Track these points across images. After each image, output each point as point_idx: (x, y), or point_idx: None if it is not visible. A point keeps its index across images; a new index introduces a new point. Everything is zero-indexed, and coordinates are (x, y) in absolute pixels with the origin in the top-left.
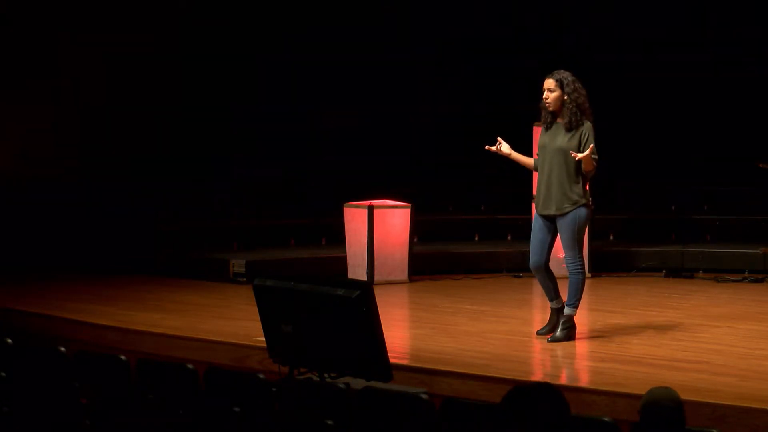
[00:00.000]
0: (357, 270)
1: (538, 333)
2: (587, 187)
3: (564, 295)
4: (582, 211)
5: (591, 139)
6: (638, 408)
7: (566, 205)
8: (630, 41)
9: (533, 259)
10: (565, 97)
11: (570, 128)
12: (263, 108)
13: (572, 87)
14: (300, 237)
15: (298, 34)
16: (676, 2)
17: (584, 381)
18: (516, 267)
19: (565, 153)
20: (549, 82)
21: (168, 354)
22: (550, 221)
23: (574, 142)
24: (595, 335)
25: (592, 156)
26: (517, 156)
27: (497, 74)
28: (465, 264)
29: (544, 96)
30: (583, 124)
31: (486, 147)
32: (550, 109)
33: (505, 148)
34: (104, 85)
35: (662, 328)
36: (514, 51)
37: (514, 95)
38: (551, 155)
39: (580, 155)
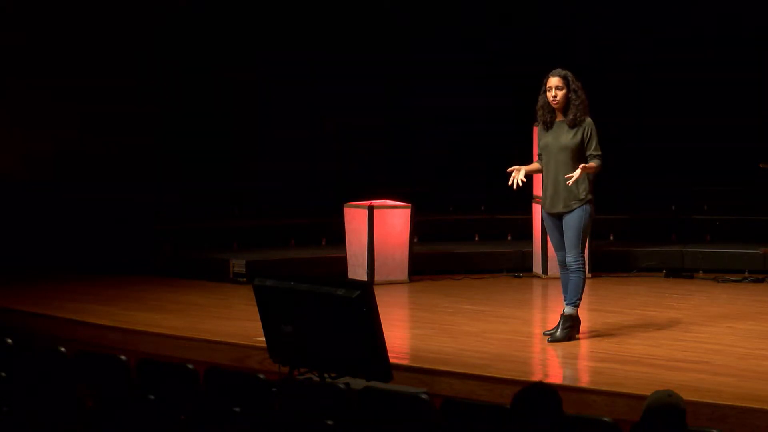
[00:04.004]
0: (357, 270)
1: (544, 334)
2: (592, 184)
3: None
4: (588, 208)
5: (594, 135)
6: (642, 408)
7: (573, 203)
8: (632, 40)
9: (559, 255)
10: (571, 95)
11: (573, 125)
12: (263, 108)
13: (576, 84)
14: (300, 237)
15: (298, 33)
16: (680, 3)
17: (584, 381)
18: (516, 267)
19: (570, 150)
20: (555, 81)
21: (168, 354)
22: (558, 219)
23: (578, 138)
24: (595, 335)
25: (595, 153)
26: (528, 169)
27: (498, 75)
28: (465, 264)
29: (552, 95)
30: (584, 120)
31: (509, 185)
32: (557, 107)
33: (521, 174)
34: (102, 85)
35: (662, 328)
36: (514, 50)
37: (514, 94)
38: (556, 154)
39: (576, 174)
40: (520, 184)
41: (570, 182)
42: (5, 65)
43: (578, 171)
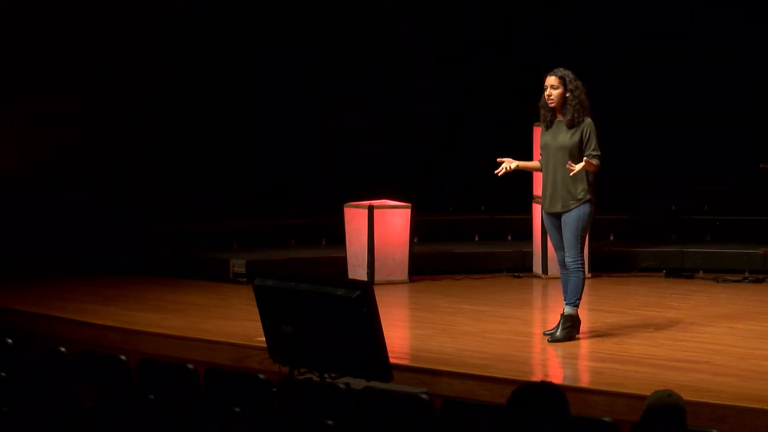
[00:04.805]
0: (357, 270)
1: (544, 334)
2: (592, 185)
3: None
4: (586, 208)
5: (593, 135)
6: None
7: (571, 202)
8: (626, 40)
9: (559, 255)
10: (568, 95)
11: (572, 125)
12: (263, 108)
13: (574, 84)
14: (300, 237)
15: (298, 33)
16: (680, 3)
17: (584, 381)
18: (516, 267)
19: (568, 151)
20: (552, 80)
21: (168, 354)
22: (557, 218)
23: (576, 138)
24: (595, 335)
25: (594, 153)
26: (524, 164)
27: (498, 75)
28: (465, 264)
29: (547, 93)
30: (583, 121)
31: (495, 172)
32: (553, 106)
33: (512, 164)
34: (102, 85)
35: (662, 328)
36: (514, 50)
37: (514, 94)
38: (554, 154)
39: (576, 167)
40: (509, 169)
41: (572, 174)
42: (5, 65)
43: (581, 165)
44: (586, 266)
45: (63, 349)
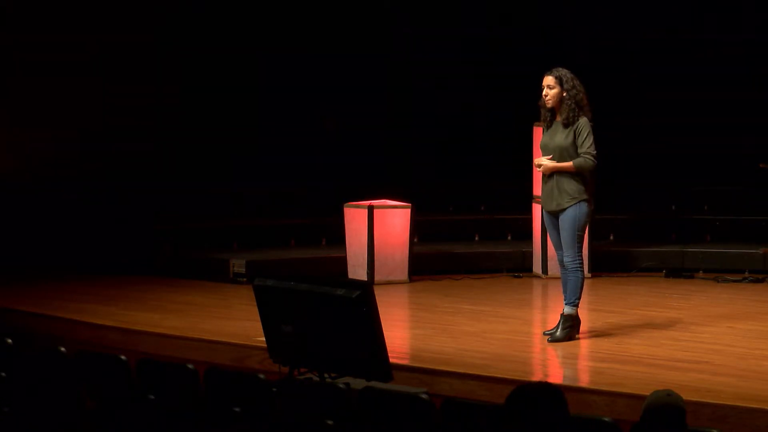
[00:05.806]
0: (357, 270)
1: (544, 334)
2: (590, 185)
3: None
4: (582, 208)
5: (585, 133)
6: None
7: (567, 201)
8: (626, 40)
9: (559, 254)
10: (564, 94)
11: (567, 125)
12: (263, 107)
13: (571, 84)
14: (300, 237)
15: (298, 33)
16: (673, 5)
17: (584, 381)
18: (516, 267)
19: (564, 150)
20: (548, 80)
21: (168, 354)
22: (555, 217)
23: (571, 138)
24: (595, 335)
25: (587, 152)
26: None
27: (498, 75)
28: (465, 264)
29: (544, 93)
30: (578, 120)
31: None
32: (550, 106)
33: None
34: (102, 85)
35: (662, 328)
36: (514, 50)
37: (514, 94)
38: (551, 153)
39: (540, 163)
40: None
41: (539, 170)
42: (5, 65)
43: (544, 165)
44: (586, 266)
45: (63, 349)
